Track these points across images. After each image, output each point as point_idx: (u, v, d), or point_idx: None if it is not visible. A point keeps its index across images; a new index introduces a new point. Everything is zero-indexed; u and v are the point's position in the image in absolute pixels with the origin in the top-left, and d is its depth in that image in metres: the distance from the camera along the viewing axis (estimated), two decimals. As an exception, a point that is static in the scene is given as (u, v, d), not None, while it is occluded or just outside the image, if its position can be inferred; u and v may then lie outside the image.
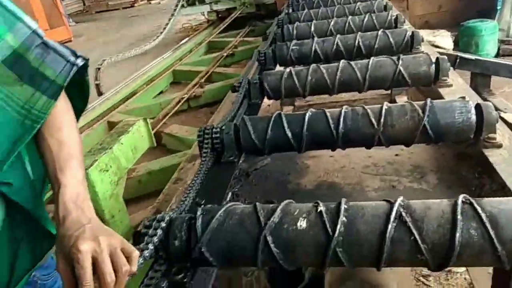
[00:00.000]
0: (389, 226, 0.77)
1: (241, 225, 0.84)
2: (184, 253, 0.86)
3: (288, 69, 1.77)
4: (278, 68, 2.30)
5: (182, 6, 7.16)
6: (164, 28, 6.27)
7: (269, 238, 0.81)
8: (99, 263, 0.69)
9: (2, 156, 0.80)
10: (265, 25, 7.30)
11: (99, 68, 4.14)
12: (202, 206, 0.99)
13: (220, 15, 7.79)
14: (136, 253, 0.75)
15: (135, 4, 19.40)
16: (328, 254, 0.79)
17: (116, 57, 4.63)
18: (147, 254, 0.80)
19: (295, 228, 0.81)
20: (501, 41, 4.55)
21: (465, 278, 1.92)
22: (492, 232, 0.74)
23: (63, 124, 0.90)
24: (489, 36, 4.31)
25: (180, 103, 4.13)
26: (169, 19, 6.59)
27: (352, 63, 1.69)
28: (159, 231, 0.86)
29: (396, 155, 1.41)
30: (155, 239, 0.85)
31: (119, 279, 0.70)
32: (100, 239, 0.72)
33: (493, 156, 1.14)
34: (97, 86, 4.07)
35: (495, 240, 0.73)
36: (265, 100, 1.92)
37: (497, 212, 0.75)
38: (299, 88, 1.73)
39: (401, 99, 2.46)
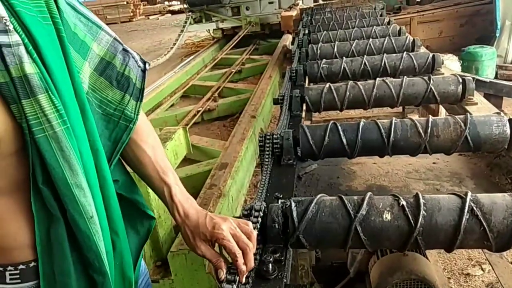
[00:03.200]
0: (463, 219, 0.91)
1: (333, 216, 0.98)
2: (280, 236, 1.01)
3: (327, 84, 1.94)
4: (306, 84, 2.49)
5: (190, 23, 7.38)
6: (175, 44, 6.45)
7: (359, 228, 0.95)
8: (237, 237, 0.85)
9: (108, 157, 0.88)
10: (269, 44, 7.57)
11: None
12: (280, 200, 1.14)
13: (224, 33, 8.04)
14: (255, 232, 0.91)
15: (134, 19, 19.71)
16: (410, 241, 0.94)
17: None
18: (257, 233, 0.95)
19: (381, 219, 0.95)
20: (499, 67, 4.84)
21: (482, 281, 2.08)
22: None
23: (149, 130, 1.02)
24: (488, 61, 4.59)
25: (197, 116, 4.28)
26: (179, 35, 6.81)
27: (387, 80, 1.88)
28: (259, 217, 1.00)
29: (434, 163, 1.58)
30: (258, 224, 0.99)
31: (249, 254, 0.86)
32: (230, 220, 0.88)
33: (526, 163, 1.32)
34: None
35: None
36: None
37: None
38: (338, 102, 1.90)
39: (413, 117, 2.65)
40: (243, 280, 0.87)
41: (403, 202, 0.96)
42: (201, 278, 1.89)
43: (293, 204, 1.02)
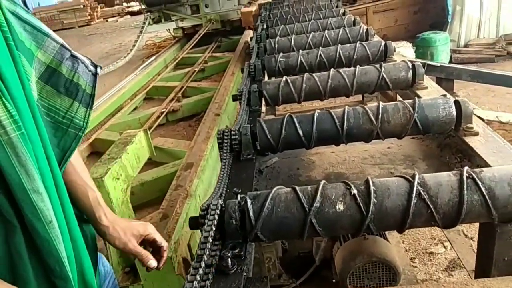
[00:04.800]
0: (411, 203, 0.94)
1: (288, 211, 0.99)
2: (238, 232, 1.02)
3: (284, 78, 1.97)
4: (266, 78, 2.51)
5: (149, 23, 7.26)
6: (134, 46, 6.35)
7: (314, 220, 0.97)
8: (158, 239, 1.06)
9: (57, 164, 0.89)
10: (230, 40, 7.55)
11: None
12: (239, 196, 1.15)
13: (185, 32, 7.96)
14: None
15: (92, 22, 19.15)
16: (362, 228, 0.97)
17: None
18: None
19: (334, 210, 0.97)
20: (453, 51, 5.02)
21: (445, 258, 2.17)
22: (489, 202, 0.93)
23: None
24: (442, 46, 4.76)
25: (161, 118, 4.23)
26: (138, 36, 6.69)
27: (341, 70, 1.92)
28: (216, 215, 1.01)
29: (388, 148, 1.63)
30: (215, 221, 0.99)
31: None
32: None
33: (472, 142, 1.38)
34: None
35: (492, 208, 0.93)
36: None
37: (494, 184, 0.95)
38: (295, 95, 1.93)
39: (372, 104, 2.72)
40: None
41: (354, 191, 0.98)
42: (171, 281, 1.88)
43: (249, 202, 1.01)
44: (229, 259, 0.95)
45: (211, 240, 0.94)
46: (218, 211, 1.01)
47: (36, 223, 0.76)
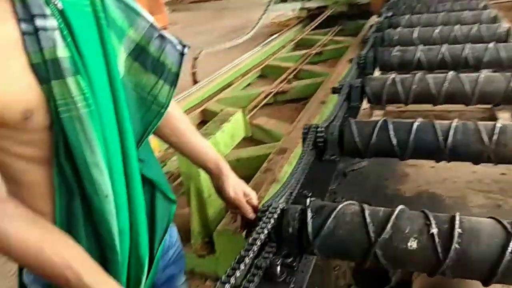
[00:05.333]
0: (504, 260, 0.77)
1: (351, 235, 0.89)
2: (294, 241, 0.95)
3: (392, 75, 1.78)
4: (377, 73, 2.32)
5: (274, 2, 7.28)
6: (257, 23, 6.44)
7: (379, 252, 0.85)
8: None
9: (137, 138, 0.92)
10: (354, 25, 7.19)
11: (196, 58, 4.40)
12: (309, 199, 1.08)
13: (310, 13, 7.82)
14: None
15: (226, -4, 20.03)
16: (436, 272, 0.83)
17: (212, 48, 4.89)
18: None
19: (404, 247, 0.83)
20: None
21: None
22: None
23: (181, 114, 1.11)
24: None
25: (269, 97, 4.26)
26: (262, 15, 6.76)
27: (461, 75, 1.67)
28: (273, 219, 0.95)
29: (503, 174, 1.38)
30: (269, 225, 0.94)
31: None
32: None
33: None
34: (194, 74, 4.34)
35: None
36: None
37: None
38: (402, 96, 1.74)
39: (503, 115, 2.35)
40: None
41: (434, 230, 0.82)
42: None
43: (309, 215, 0.93)
44: (278, 267, 0.90)
45: (259, 243, 0.89)
46: (276, 214, 0.96)
47: (92, 195, 0.80)
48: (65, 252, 0.75)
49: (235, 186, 1.13)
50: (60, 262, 0.74)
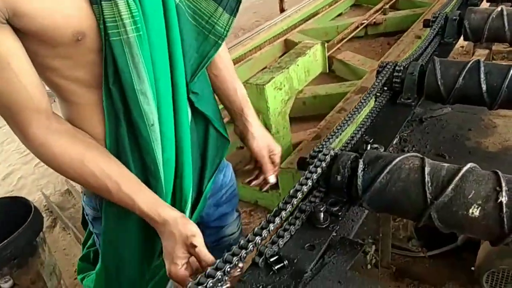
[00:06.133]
0: None
1: (406, 194, 0.79)
2: (343, 191, 0.88)
3: (499, 7, 1.50)
4: (485, 4, 1.98)
5: None
6: None
7: (434, 215, 0.76)
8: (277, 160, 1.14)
9: (193, 69, 0.89)
10: None
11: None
12: (369, 146, 0.98)
13: None
14: None
15: None
16: (500, 242, 0.71)
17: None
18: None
19: (464, 214, 0.72)
20: None
21: None
22: None
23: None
24: None
25: (358, 29, 3.95)
26: None
27: None
28: (324, 164, 0.89)
29: None
30: (319, 170, 0.88)
31: None
32: None
33: None
34: (281, 2, 4.13)
35: None
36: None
37: None
38: (508, 33, 1.47)
39: None
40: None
41: (503, 199, 0.69)
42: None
43: (360, 167, 0.84)
44: (321, 214, 0.86)
45: (305, 189, 0.84)
46: (328, 158, 0.89)
47: (139, 123, 0.80)
48: (105, 165, 0.79)
49: (259, 140, 1.09)
50: (100, 173, 0.78)
